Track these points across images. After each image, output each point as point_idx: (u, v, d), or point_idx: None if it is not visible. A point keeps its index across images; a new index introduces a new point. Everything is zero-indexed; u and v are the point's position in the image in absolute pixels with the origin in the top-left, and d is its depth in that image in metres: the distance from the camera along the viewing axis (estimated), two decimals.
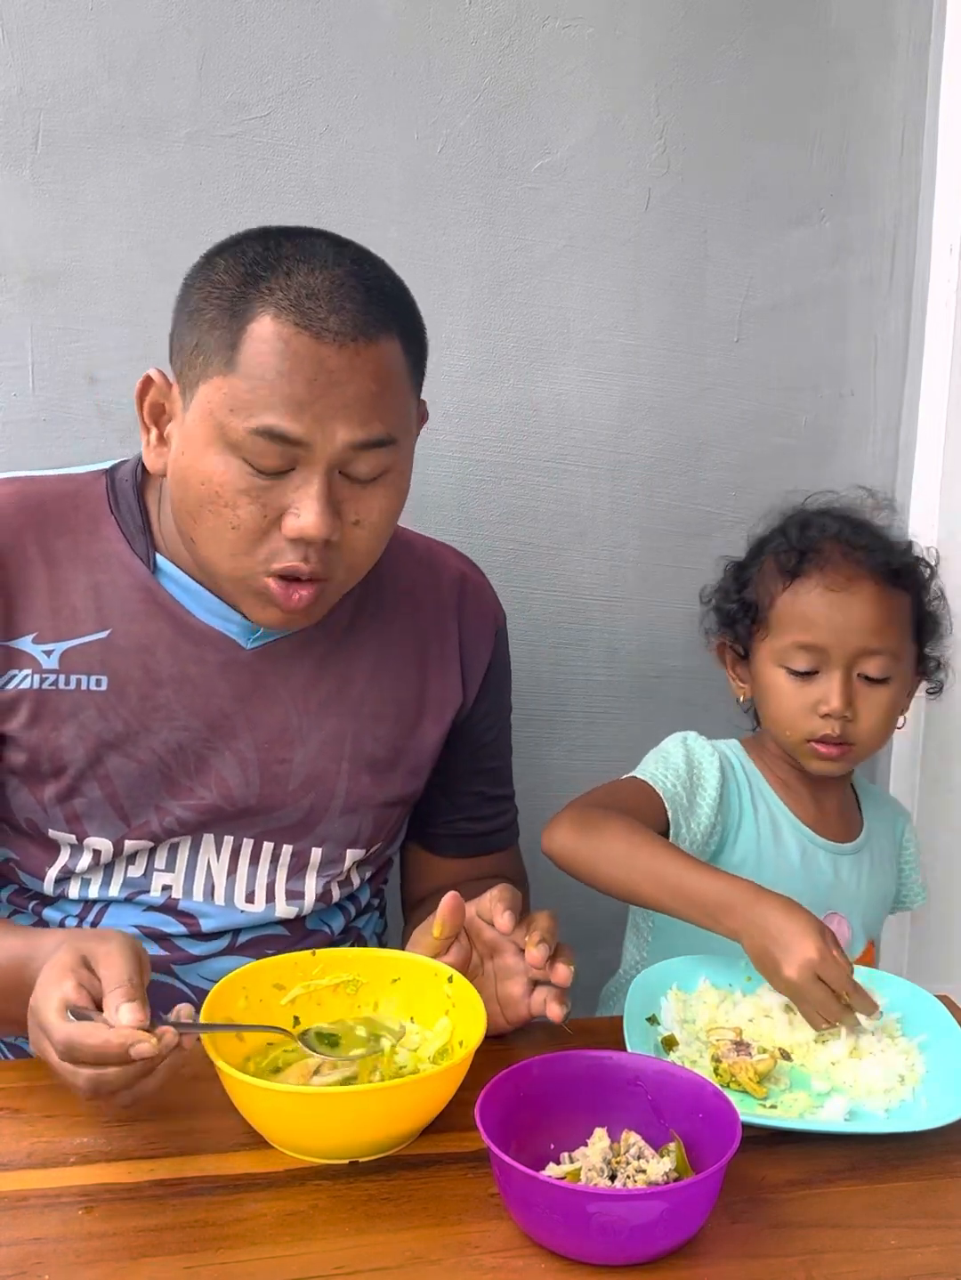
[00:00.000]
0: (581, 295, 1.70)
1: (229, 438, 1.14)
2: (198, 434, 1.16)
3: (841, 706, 1.39)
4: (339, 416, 1.13)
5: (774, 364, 1.77)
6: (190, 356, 1.17)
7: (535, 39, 1.62)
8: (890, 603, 1.41)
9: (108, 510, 1.29)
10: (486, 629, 1.43)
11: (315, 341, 1.12)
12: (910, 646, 1.45)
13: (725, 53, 1.68)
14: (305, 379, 1.12)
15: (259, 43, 1.56)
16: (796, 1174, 1.04)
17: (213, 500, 1.15)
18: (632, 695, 1.82)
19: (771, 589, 1.44)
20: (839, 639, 1.39)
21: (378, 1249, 0.94)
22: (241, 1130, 1.04)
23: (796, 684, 1.41)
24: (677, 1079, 1.03)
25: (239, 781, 1.30)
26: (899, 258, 1.77)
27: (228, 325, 1.13)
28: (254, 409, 1.12)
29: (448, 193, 1.64)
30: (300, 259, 1.14)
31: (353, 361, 1.13)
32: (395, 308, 1.18)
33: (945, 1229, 0.98)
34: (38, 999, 1.01)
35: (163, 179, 1.57)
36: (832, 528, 1.45)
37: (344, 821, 1.34)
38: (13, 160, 1.54)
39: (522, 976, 1.15)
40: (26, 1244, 0.93)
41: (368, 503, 1.18)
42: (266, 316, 1.12)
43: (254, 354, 1.12)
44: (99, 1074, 0.97)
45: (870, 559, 1.41)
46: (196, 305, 1.17)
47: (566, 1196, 0.91)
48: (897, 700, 1.44)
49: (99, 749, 1.26)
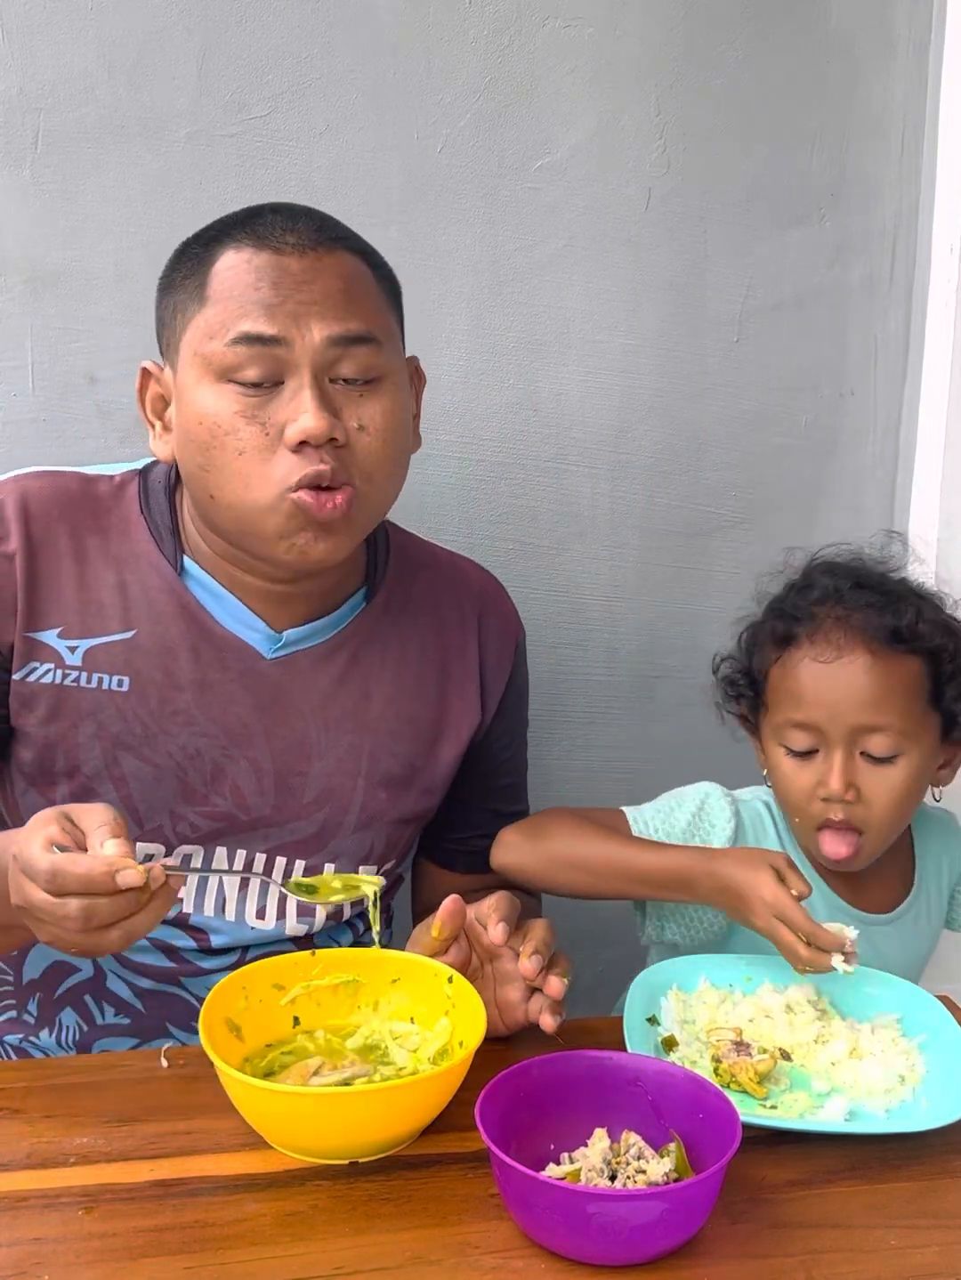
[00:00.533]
0: (581, 295, 1.70)
1: (213, 363, 1.16)
2: (188, 380, 1.18)
3: (840, 789, 1.25)
4: (311, 313, 1.16)
5: (774, 364, 1.77)
6: (169, 323, 1.21)
7: (535, 39, 1.62)
8: (890, 672, 1.26)
9: (139, 511, 1.29)
10: (507, 646, 1.42)
11: (275, 255, 1.16)
12: (928, 715, 1.29)
13: (725, 53, 1.68)
14: (270, 284, 1.15)
15: (259, 43, 1.56)
16: (796, 1174, 1.04)
17: (214, 434, 1.16)
18: (632, 695, 1.82)
19: (766, 660, 1.33)
20: (831, 716, 1.26)
21: (378, 1249, 0.94)
22: (241, 1130, 1.04)
23: (796, 764, 1.29)
24: (677, 1079, 1.03)
25: (254, 791, 1.29)
26: (899, 258, 1.78)
27: (196, 274, 1.19)
28: (228, 324, 1.15)
29: (448, 193, 1.64)
30: (257, 211, 1.21)
31: (315, 265, 1.17)
32: (352, 235, 1.22)
33: (945, 1229, 0.98)
34: (20, 845, 1.00)
35: (163, 179, 1.57)
36: (829, 587, 1.31)
37: (357, 838, 1.33)
38: (13, 160, 1.54)
39: (520, 982, 1.15)
40: (26, 1244, 0.93)
41: (367, 408, 1.19)
42: (229, 250, 1.18)
43: (220, 280, 1.17)
44: (90, 903, 0.96)
45: (866, 623, 1.27)
46: (170, 280, 1.22)
47: (566, 1197, 0.91)
48: (915, 777, 1.28)
49: (115, 749, 1.26)
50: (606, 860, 1.28)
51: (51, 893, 0.97)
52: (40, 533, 1.25)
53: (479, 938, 1.18)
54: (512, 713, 1.44)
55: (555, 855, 1.31)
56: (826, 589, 1.31)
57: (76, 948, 1.01)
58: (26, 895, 0.99)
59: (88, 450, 1.59)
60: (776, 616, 1.33)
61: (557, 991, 1.13)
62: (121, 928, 0.99)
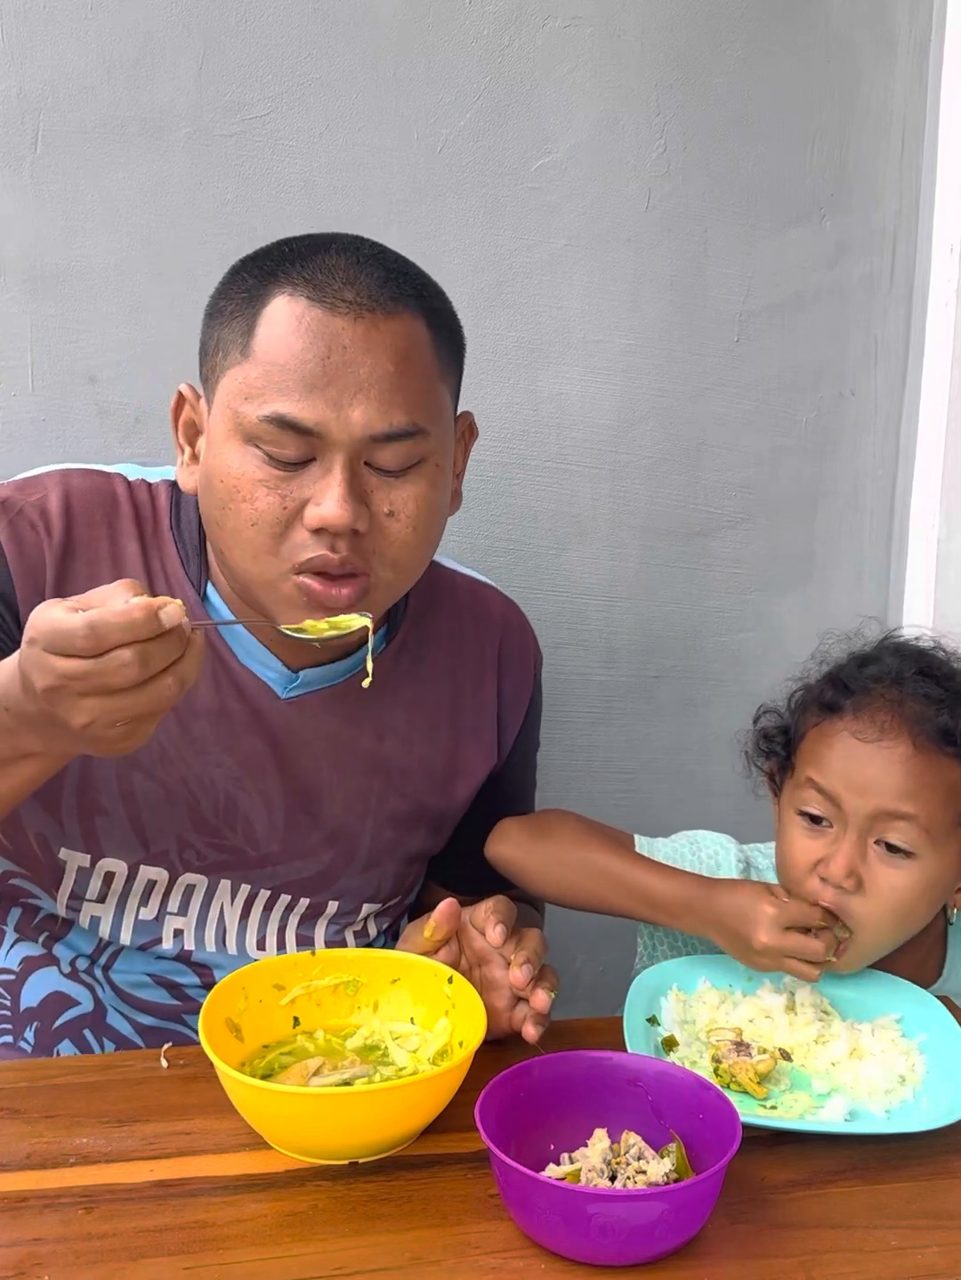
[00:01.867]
0: (581, 295, 1.70)
1: (244, 427, 1.10)
2: (218, 431, 1.13)
3: (841, 873, 1.17)
4: (355, 401, 1.08)
5: (774, 364, 1.77)
6: (211, 356, 1.15)
7: (535, 39, 1.62)
8: (929, 768, 1.17)
9: (169, 526, 1.25)
10: (525, 680, 1.39)
11: (329, 314, 1.08)
12: (956, 830, 1.20)
13: (725, 53, 1.68)
14: (317, 357, 1.07)
15: (259, 43, 1.56)
16: (796, 1174, 1.04)
17: (231, 496, 1.11)
18: (632, 695, 1.82)
19: (805, 722, 1.26)
20: (855, 796, 1.18)
21: (378, 1249, 0.94)
22: (241, 1130, 1.04)
23: (805, 833, 1.22)
24: (677, 1079, 1.03)
25: (264, 826, 1.27)
26: (899, 258, 1.77)
27: (244, 314, 1.11)
28: (266, 394, 1.08)
29: (448, 193, 1.64)
30: (321, 246, 1.12)
31: (369, 334, 1.08)
32: (419, 287, 1.14)
33: (945, 1229, 0.98)
34: (34, 627, 0.91)
35: (163, 179, 1.57)
36: (894, 669, 1.22)
37: (364, 878, 1.32)
38: (13, 160, 1.54)
39: (507, 990, 1.14)
40: (26, 1244, 0.93)
41: (401, 492, 1.12)
42: (281, 297, 1.09)
43: (266, 336, 1.09)
44: (142, 648, 0.89)
45: (919, 714, 1.18)
46: (218, 306, 1.16)
47: (566, 1197, 0.91)
48: (926, 886, 1.19)
49: (129, 769, 1.23)
50: (606, 869, 1.27)
51: (90, 653, 0.89)
52: (81, 534, 1.21)
53: (470, 941, 1.17)
54: (526, 741, 1.42)
55: (554, 855, 1.31)
56: (888, 668, 1.23)
57: (126, 715, 0.92)
58: (60, 668, 0.90)
59: (88, 450, 1.58)
60: (829, 682, 1.26)
61: (543, 1005, 1.12)
62: (174, 673, 0.91)
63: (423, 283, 1.16)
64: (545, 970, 1.15)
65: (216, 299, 1.17)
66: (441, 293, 1.19)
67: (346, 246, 1.13)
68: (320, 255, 1.11)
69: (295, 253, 1.13)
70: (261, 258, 1.15)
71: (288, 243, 1.16)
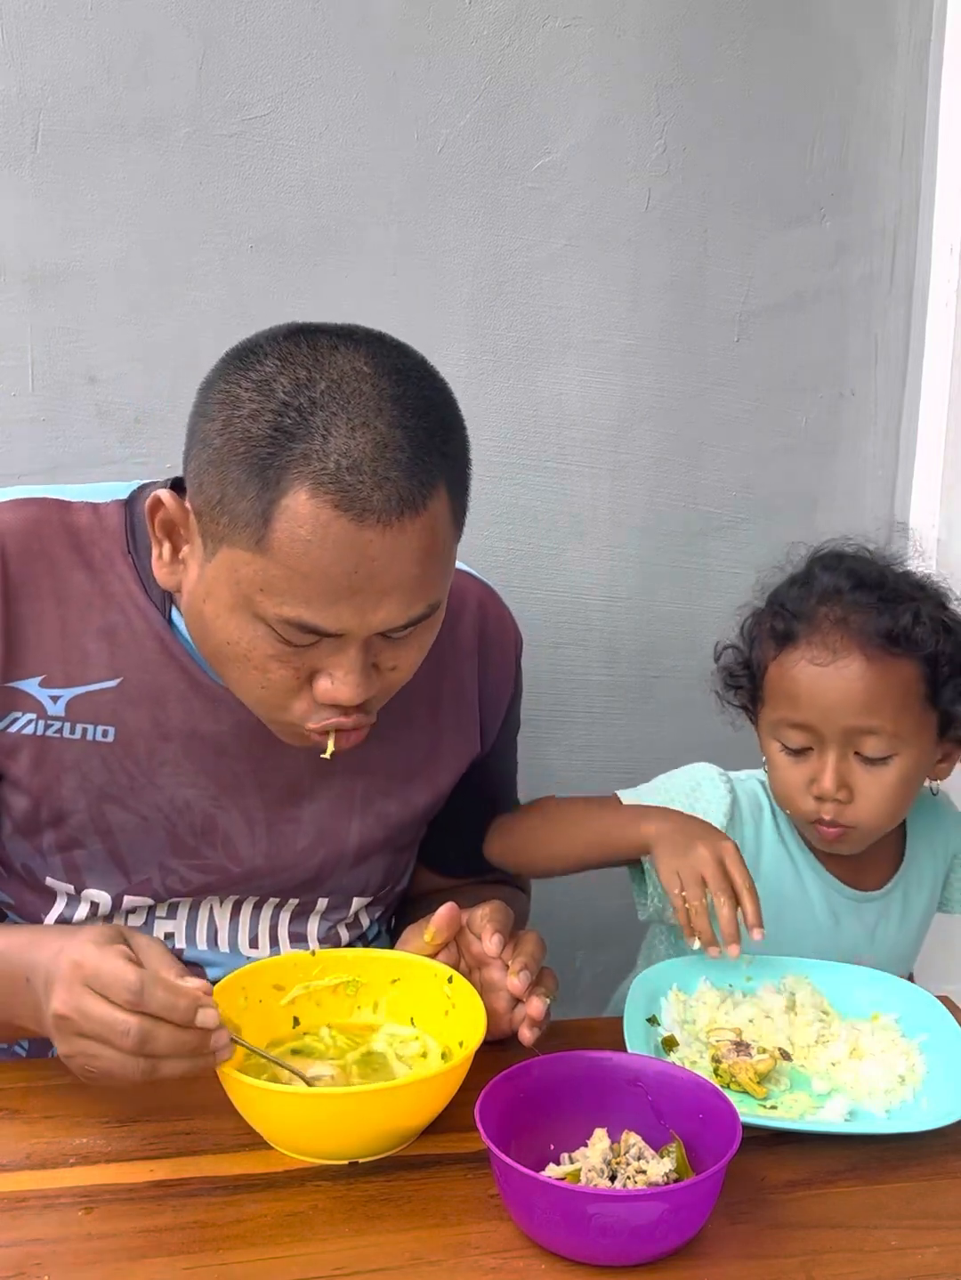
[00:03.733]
0: (581, 295, 1.70)
1: (257, 612, 1.05)
2: (221, 595, 1.07)
3: (832, 789, 1.27)
4: (379, 606, 1.04)
5: (774, 364, 1.77)
6: (213, 510, 1.05)
7: (535, 39, 1.62)
8: (886, 675, 1.26)
9: (124, 549, 1.19)
10: (507, 662, 1.38)
11: (356, 525, 1.00)
12: (925, 715, 1.29)
13: (725, 53, 1.68)
14: (344, 571, 1.02)
15: (259, 43, 1.56)
16: (796, 1174, 1.04)
17: (240, 660, 1.09)
18: (632, 695, 1.82)
19: (765, 655, 1.33)
20: (826, 718, 1.27)
21: (378, 1249, 0.94)
22: (241, 1130, 1.04)
23: (791, 760, 1.31)
24: (677, 1079, 1.03)
25: (246, 842, 1.25)
26: (899, 258, 1.78)
27: (258, 495, 1.01)
28: (285, 597, 1.03)
29: (448, 193, 1.64)
30: (337, 408, 1.00)
31: (397, 540, 1.02)
32: (443, 451, 1.05)
33: (945, 1229, 0.98)
34: (85, 954, 0.96)
35: (163, 179, 1.57)
36: (831, 586, 1.31)
37: (353, 874, 1.31)
38: (13, 160, 1.54)
39: (505, 992, 1.13)
40: (26, 1244, 0.93)
41: (407, 648, 1.12)
42: (302, 492, 1.00)
43: (287, 538, 1.01)
44: (152, 1027, 0.94)
45: (863, 626, 1.27)
46: (219, 452, 1.03)
47: (566, 1197, 0.91)
48: (908, 777, 1.29)
49: (101, 802, 1.21)
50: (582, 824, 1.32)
51: (126, 1006, 0.94)
52: (19, 572, 1.16)
53: (468, 945, 1.17)
54: (509, 726, 1.41)
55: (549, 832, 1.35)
56: (826, 587, 1.31)
57: (97, 1067, 0.97)
58: (85, 1007, 0.95)
59: (87, 450, 1.58)
60: (776, 613, 1.33)
61: (538, 1012, 1.11)
62: (153, 1062, 0.96)
63: (444, 438, 1.06)
64: (544, 974, 1.15)
65: (210, 430, 1.05)
66: (454, 421, 1.09)
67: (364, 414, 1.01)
68: (338, 433, 1.00)
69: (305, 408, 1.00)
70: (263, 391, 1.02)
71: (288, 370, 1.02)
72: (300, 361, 1.03)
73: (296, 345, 1.04)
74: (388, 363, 1.05)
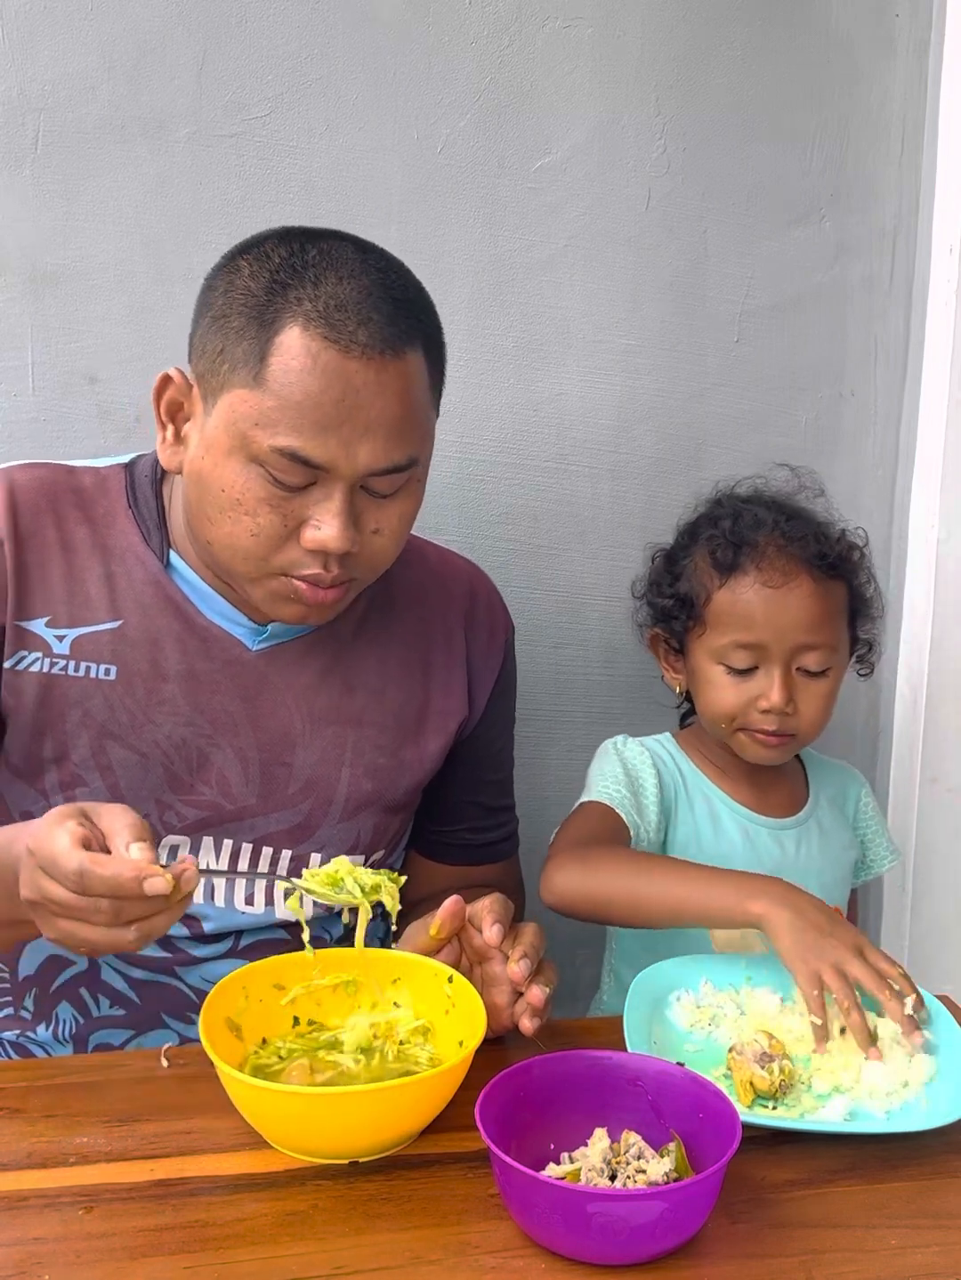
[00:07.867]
0: (581, 295, 1.70)
1: (251, 450, 1.15)
2: (220, 441, 1.17)
3: (782, 702, 1.38)
4: (363, 440, 1.14)
5: (774, 364, 1.77)
6: (214, 363, 1.17)
7: (535, 39, 1.62)
8: (827, 595, 1.41)
9: (126, 504, 1.30)
10: (496, 642, 1.44)
11: (343, 356, 1.12)
12: (846, 632, 1.45)
13: (725, 53, 1.68)
14: (332, 399, 1.12)
15: (259, 43, 1.56)
16: (796, 1174, 1.04)
17: (233, 507, 1.17)
18: (632, 695, 1.82)
19: (707, 584, 1.43)
20: (778, 636, 1.38)
21: (378, 1249, 0.94)
22: (241, 1130, 1.04)
23: (734, 680, 1.41)
24: (677, 1079, 1.03)
25: (239, 780, 1.30)
26: (899, 258, 1.78)
27: (255, 336, 1.14)
28: (279, 427, 1.13)
29: (448, 193, 1.64)
30: (327, 266, 1.15)
31: (379, 377, 1.14)
32: (420, 317, 1.19)
33: (945, 1229, 0.98)
34: (38, 840, 0.99)
35: (163, 179, 1.57)
36: (767, 519, 1.43)
37: (343, 828, 1.34)
38: (13, 160, 1.54)
39: (507, 986, 1.15)
40: (26, 1244, 0.93)
41: (387, 512, 1.20)
42: (295, 327, 1.12)
43: (281, 369, 1.13)
44: (119, 903, 0.97)
45: (806, 552, 1.40)
46: (221, 310, 1.17)
47: (566, 1196, 0.91)
48: (836, 688, 1.44)
49: (102, 738, 1.27)
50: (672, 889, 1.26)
51: (76, 893, 0.97)
52: (28, 523, 1.26)
53: (470, 939, 1.18)
54: (501, 707, 1.45)
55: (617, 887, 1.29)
56: (761, 519, 1.42)
57: (87, 945, 1.00)
58: (45, 890, 0.99)
59: (88, 450, 1.58)
60: (716, 544, 1.42)
61: (538, 1000, 1.12)
62: (140, 928, 0.99)
63: (421, 306, 1.20)
64: (544, 965, 1.16)
65: (215, 296, 1.18)
66: (431, 305, 1.22)
67: (351, 269, 1.15)
68: (328, 281, 1.14)
69: (299, 264, 1.15)
70: (260, 257, 1.17)
71: (284, 242, 1.17)
72: (295, 237, 1.18)
73: (289, 231, 1.20)
74: (374, 250, 1.20)
